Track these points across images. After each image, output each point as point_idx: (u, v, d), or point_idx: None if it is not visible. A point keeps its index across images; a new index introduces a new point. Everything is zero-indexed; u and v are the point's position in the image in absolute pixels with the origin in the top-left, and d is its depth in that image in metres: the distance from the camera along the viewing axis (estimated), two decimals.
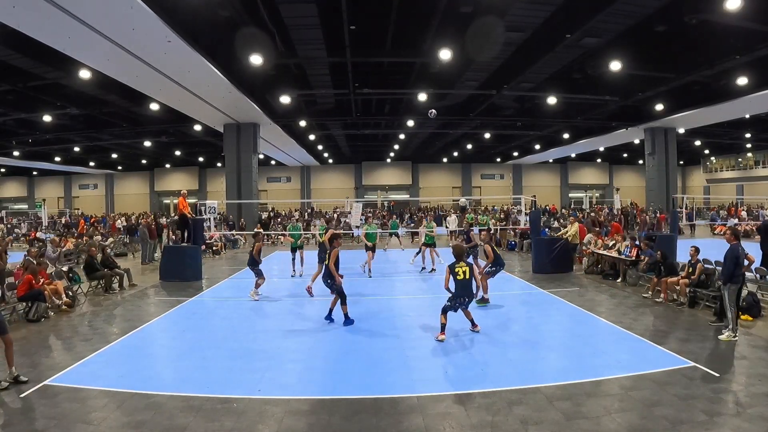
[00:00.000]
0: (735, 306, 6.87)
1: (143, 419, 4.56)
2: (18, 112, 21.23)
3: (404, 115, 24.28)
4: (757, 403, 4.72)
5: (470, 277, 7.12)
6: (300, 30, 14.37)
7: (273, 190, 43.86)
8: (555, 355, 6.47)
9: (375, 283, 11.90)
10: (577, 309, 8.85)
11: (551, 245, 13.19)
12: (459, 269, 7.08)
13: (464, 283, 7.05)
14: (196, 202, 25.00)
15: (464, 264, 7.16)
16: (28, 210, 40.52)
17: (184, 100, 18.94)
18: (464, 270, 7.08)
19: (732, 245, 6.96)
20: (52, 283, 9.34)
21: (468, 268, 7.14)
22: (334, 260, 7.83)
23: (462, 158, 42.51)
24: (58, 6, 9.85)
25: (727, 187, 40.41)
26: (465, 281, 7.05)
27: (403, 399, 5.01)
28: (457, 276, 7.05)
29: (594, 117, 24.96)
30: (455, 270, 7.08)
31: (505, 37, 14.48)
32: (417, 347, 6.68)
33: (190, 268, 12.46)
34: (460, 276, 7.04)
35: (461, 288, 7.07)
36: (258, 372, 5.80)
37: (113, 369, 5.94)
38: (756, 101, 19.20)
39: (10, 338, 5.55)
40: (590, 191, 45.52)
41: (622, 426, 4.34)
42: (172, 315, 8.86)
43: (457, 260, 7.20)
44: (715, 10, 11.71)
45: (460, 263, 7.16)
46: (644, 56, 15.80)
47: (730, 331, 6.76)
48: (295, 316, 8.78)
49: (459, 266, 7.11)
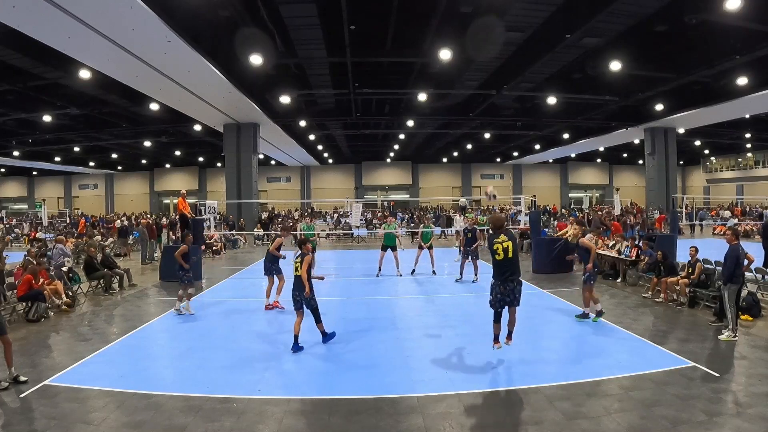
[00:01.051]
0: (735, 306, 6.87)
1: (143, 419, 4.56)
2: (18, 112, 21.22)
3: (404, 115, 24.27)
4: (757, 403, 4.72)
5: (514, 256, 5.44)
6: (300, 30, 14.37)
7: (273, 190, 43.85)
8: (555, 355, 6.46)
9: (375, 283, 11.89)
10: (577, 309, 8.84)
11: (551, 245, 13.19)
12: (498, 245, 5.41)
13: (505, 263, 5.39)
14: (196, 202, 25.03)
15: (506, 237, 5.43)
16: (28, 210, 40.52)
17: (184, 100, 18.94)
18: (506, 245, 5.36)
19: (732, 245, 6.96)
20: (52, 283, 9.34)
21: (511, 243, 5.41)
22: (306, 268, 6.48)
23: (462, 158, 42.51)
24: (58, 6, 9.85)
25: (727, 187, 40.40)
26: (507, 261, 5.38)
27: (403, 399, 5.00)
28: (496, 254, 5.42)
29: (594, 117, 24.96)
30: (494, 246, 5.40)
31: (505, 37, 14.48)
32: (417, 347, 6.68)
33: (190, 269, 12.43)
34: (499, 254, 5.41)
35: (500, 271, 5.44)
36: (258, 372, 5.80)
37: (113, 369, 5.94)
38: (756, 101, 19.20)
39: (9, 339, 5.54)
40: (590, 191, 45.53)
41: (622, 426, 4.34)
42: (172, 315, 8.86)
43: (496, 233, 5.53)
44: (715, 10, 11.71)
45: (501, 236, 5.46)
46: (644, 56, 15.80)
47: (730, 331, 6.76)
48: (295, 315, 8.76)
49: (498, 240, 5.42)
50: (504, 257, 5.37)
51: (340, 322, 8.20)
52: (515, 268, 5.50)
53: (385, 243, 12.51)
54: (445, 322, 8.19)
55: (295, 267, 6.49)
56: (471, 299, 9.90)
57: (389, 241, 12.42)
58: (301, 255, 6.55)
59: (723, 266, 7.12)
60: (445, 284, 11.57)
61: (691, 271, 9.01)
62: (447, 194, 42.71)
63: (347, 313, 8.86)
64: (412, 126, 26.29)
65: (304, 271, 6.41)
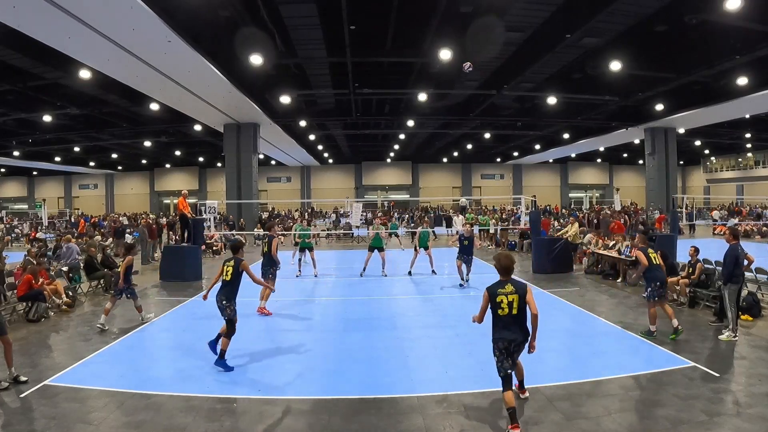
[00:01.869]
0: (735, 306, 6.87)
1: (143, 419, 4.56)
2: (18, 112, 21.24)
3: (404, 115, 24.28)
4: (757, 403, 4.72)
5: (521, 311, 4.29)
6: (300, 30, 14.38)
7: (273, 190, 43.87)
8: (555, 355, 6.45)
9: (375, 283, 11.90)
10: (577, 309, 8.85)
11: (551, 245, 13.20)
12: (502, 297, 4.27)
13: (509, 320, 4.28)
14: (196, 202, 25.03)
15: (512, 288, 4.28)
16: (28, 210, 40.53)
17: (184, 100, 18.95)
18: (512, 299, 4.26)
19: (731, 245, 6.96)
20: (52, 283, 9.34)
21: (518, 297, 4.27)
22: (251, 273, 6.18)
23: (462, 158, 42.52)
24: (58, 6, 9.85)
25: (727, 187, 40.41)
26: (510, 318, 4.28)
27: (403, 399, 5.01)
28: (499, 308, 4.29)
29: (594, 117, 24.96)
30: (497, 297, 4.29)
31: (505, 37, 14.49)
32: (417, 347, 6.68)
33: (190, 268, 12.47)
34: (504, 309, 4.27)
35: (503, 327, 4.31)
36: (258, 372, 5.80)
37: (113, 369, 5.94)
38: (756, 101, 19.20)
39: (9, 339, 5.54)
40: (590, 191, 45.55)
41: (622, 426, 4.34)
42: (172, 315, 8.86)
43: (504, 279, 4.38)
44: (715, 10, 11.71)
45: (507, 286, 4.31)
46: (644, 56, 15.80)
47: (730, 331, 6.76)
48: (295, 316, 8.77)
49: (503, 291, 4.29)
50: (509, 312, 4.28)
51: (340, 322, 8.22)
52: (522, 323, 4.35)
53: (372, 244, 12.87)
54: (444, 321, 8.20)
55: (225, 272, 6.06)
56: (471, 299, 9.90)
57: (376, 243, 12.76)
58: (235, 260, 6.13)
59: (722, 266, 7.12)
60: (445, 284, 11.57)
61: (692, 271, 9.01)
62: (447, 194, 42.73)
63: (347, 313, 8.87)
64: (412, 126, 26.30)
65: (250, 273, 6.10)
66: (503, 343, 4.29)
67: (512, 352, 4.33)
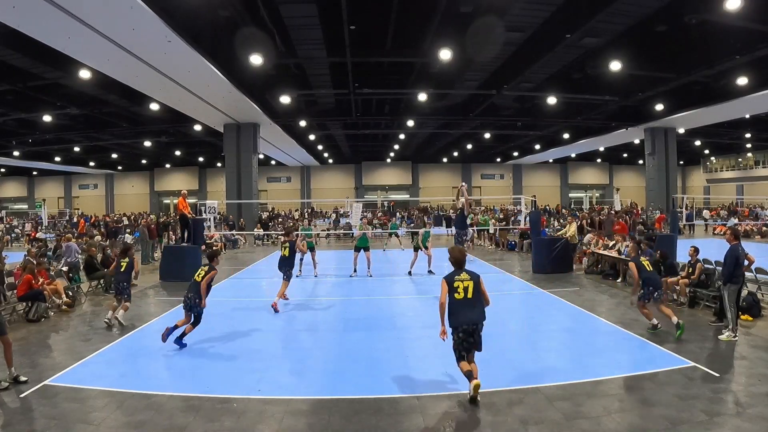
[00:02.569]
0: (735, 306, 6.87)
1: (143, 419, 4.56)
2: (18, 112, 21.23)
3: (404, 115, 24.28)
4: (757, 403, 4.71)
5: (476, 295, 4.91)
6: (300, 30, 14.38)
7: (273, 190, 43.86)
8: (555, 355, 6.46)
9: (375, 283, 11.90)
10: (577, 309, 8.85)
11: (551, 245, 13.19)
12: (459, 283, 4.93)
13: (465, 303, 4.87)
14: (196, 202, 25.03)
15: (467, 276, 4.97)
16: (28, 210, 40.53)
17: (184, 100, 18.95)
18: (467, 285, 4.91)
19: (732, 245, 6.95)
20: (53, 282, 9.34)
21: (472, 284, 4.91)
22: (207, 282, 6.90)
23: (462, 158, 42.51)
24: (58, 6, 9.85)
25: (727, 187, 40.41)
26: (467, 301, 4.88)
27: (403, 399, 5.00)
28: (456, 292, 4.90)
29: (594, 117, 24.96)
30: (454, 284, 4.93)
31: (505, 37, 14.50)
32: (417, 347, 6.68)
33: (190, 268, 12.42)
34: (459, 293, 4.89)
35: (460, 311, 4.87)
36: (258, 372, 5.80)
37: (113, 369, 5.94)
38: (756, 101, 19.20)
39: (9, 339, 5.54)
40: (590, 191, 45.55)
41: (622, 426, 4.34)
42: (172, 315, 8.85)
43: (457, 270, 5.05)
44: (715, 10, 11.72)
45: (462, 274, 4.99)
46: (644, 56, 15.80)
47: (730, 331, 6.75)
48: (295, 316, 8.77)
49: (459, 278, 4.96)
50: (465, 296, 4.86)
51: (340, 322, 8.22)
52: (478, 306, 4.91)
53: (357, 244, 12.90)
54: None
55: (198, 274, 6.98)
56: None
57: (362, 243, 12.78)
58: (209, 267, 7.02)
59: (723, 266, 7.12)
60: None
61: (692, 271, 9.00)
62: (447, 194, 42.69)
63: (347, 313, 8.87)
64: (412, 126, 26.30)
65: (204, 283, 6.85)
66: (465, 326, 4.85)
67: (472, 333, 4.87)
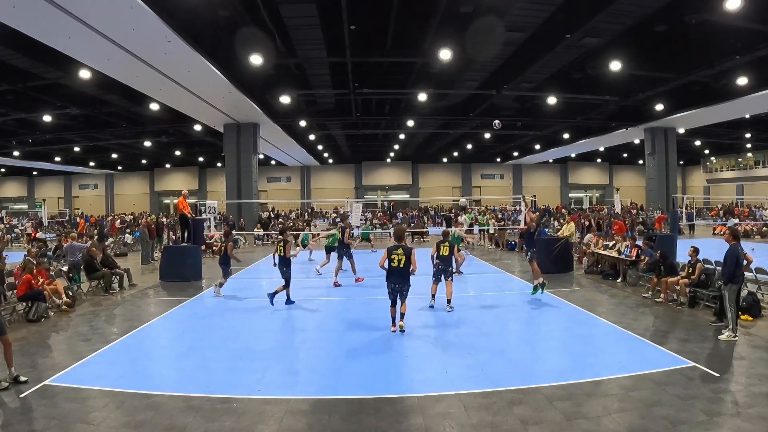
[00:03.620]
0: (735, 306, 6.87)
1: (143, 419, 4.56)
2: (18, 112, 21.24)
3: (404, 115, 24.28)
4: (757, 403, 4.71)
5: (406, 266, 6.97)
6: (300, 30, 14.38)
7: (273, 190, 43.87)
8: (555, 355, 6.46)
9: (375, 283, 11.88)
10: (577, 309, 8.85)
11: (551, 245, 13.19)
12: (395, 255, 7.00)
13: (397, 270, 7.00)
14: (196, 202, 25.03)
15: (402, 250, 7.01)
16: (28, 210, 40.52)
17: (184, 100, 18.95)
18: (401, 257, 6.96)
19: (731, 245, 6.96)
20: (53, 283, 9.34)
21: (405, 257, 6.98)
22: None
23: (462, 158, 42.52)
24: (58, 6, 9.85)
25: (727, 187, 40.41)
26: (399, 269, 6.98)
27: (403, 399, 5.00)
28: (392, 262, 7.00)
29: (594, 117, 24.97)
30: (391, 255, 7.03)
31: (505, 37, 14.49)
32: (417, 347, 6.68)
33: (190, 268, 12.46)
34: (395, 262, 6.97)
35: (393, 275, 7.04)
36: (258, 372, 5.80)
37: (113, 369, 5.94)
38: (756, 101, 19.20)
39: (9, 339, 5.54)
40: (590, 191, 45.54)
41: (622, 426, 4.34)
42: (172, 315, 8.86)
43: (397, 244, 7.12)
44: (715, 10, 11.71)
45: (399, 249, 7.02)
46: (644, 56, 15.80)
47: (730, 332, 6.75)
48: (295, 316, 8.77)
49: (396, 252, 7.01)
50: (398, 265, 6.99)
51: (340, 322, 8.22)
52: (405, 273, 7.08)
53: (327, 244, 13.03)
54: (444, 321, 8.19)
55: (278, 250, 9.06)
56: (470, 299, 9.91)
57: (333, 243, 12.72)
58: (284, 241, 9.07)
59: (723, 266, 7.12)
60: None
61: (692, 271, 9.00)
62: (447, 194, 42.73)
63: (347, 313, 8.87)
64: (412, 126, 26.30)
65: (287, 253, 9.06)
66: (393, 285, 7.11)
67: (398, 291, 7.12)
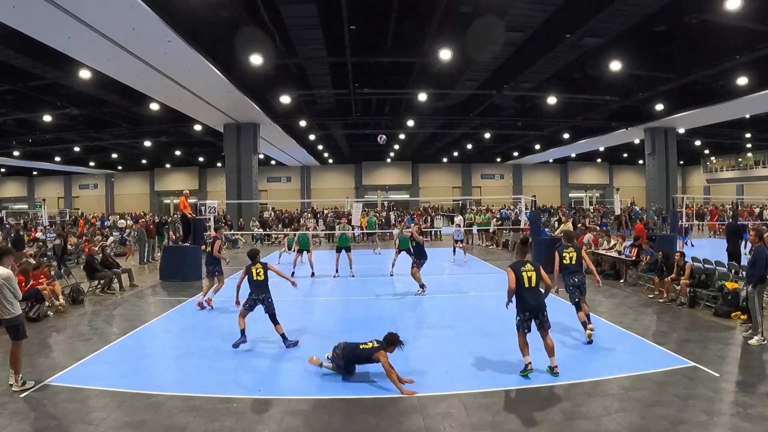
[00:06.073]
0: (761, 308, 6.63)
1: (143, 419, 4.56)
2: (18, 112, 21.21)
3: (404, 115, 24.28)
4: (757, 403, 4.72)
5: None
6: (300, 30, 14.36)
7: (273, 190, 43.84)
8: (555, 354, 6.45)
9: (375, 283, 11.89)
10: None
11: (551, 245, 13.17)
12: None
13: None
14: (196, 202, 25.01)
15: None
16: (28, 210, 40.50)
17: (184, 100, 18.93)
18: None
19: (758, 247, 6.69)
20: (52, 283, 9.33)
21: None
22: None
23: (462, 158, 42.49)
24: (58, 6, 9.84)
25: (727, 187, 40.40)
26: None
27: (403, 399, 5.01)
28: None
29: (594, 117, 24.94)
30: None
31: (505, 37, 14.47)
32: (417, 347, 6.67)
33: (190, 268, 12.47)
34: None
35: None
36: (258, 372, 5.80)
37: (113, 369, 5.94)
38: (756, 101, 19.18)
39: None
40: (590, 191, 45.50)
41: (622, 426, 4.34)
42: (172, 315, 8.87)
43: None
44: (715, 10, 11.70)
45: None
46: (644, 56, 15.78)
47: (759, 336, 6.52)
48: (295, 316, 8.77)
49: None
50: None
51: (340, 322, 8.22)
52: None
53: (338, 244, 12.90)
54: (444, 321, 8.20)
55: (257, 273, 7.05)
56: (470, 299, 9.92)
57: (343, 243, 12.76)
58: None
59: (750, 268, 6.83)
60: (444, 284, 11.57)
61: (682, 273, 9.03)
62: (447, 194, 42.70)
63: (347, 313, 8.87)
64: (412, 126, 26.29)
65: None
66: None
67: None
